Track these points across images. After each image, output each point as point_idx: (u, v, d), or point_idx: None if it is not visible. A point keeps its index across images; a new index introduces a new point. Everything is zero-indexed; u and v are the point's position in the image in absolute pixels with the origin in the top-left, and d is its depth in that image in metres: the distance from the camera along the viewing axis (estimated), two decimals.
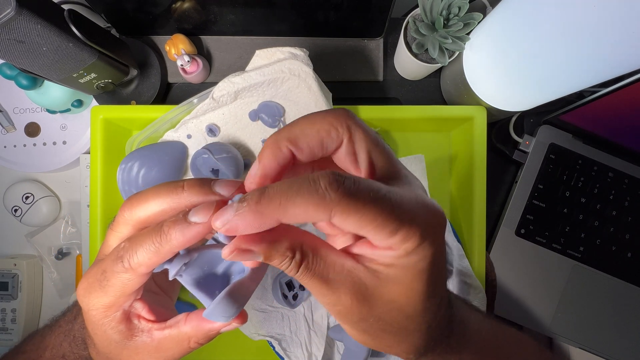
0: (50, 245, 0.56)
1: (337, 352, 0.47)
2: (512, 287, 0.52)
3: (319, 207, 0.18)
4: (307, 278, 0.20)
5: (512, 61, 0.39)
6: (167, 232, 0.22)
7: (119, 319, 0.25)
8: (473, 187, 0.47)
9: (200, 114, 0.46)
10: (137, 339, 0.26)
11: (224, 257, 0.20)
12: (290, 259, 0.20)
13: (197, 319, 0.25)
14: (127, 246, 0.23)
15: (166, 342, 0.25)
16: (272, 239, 0.20)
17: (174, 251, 0.23)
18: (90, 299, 0.25)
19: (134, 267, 0.23)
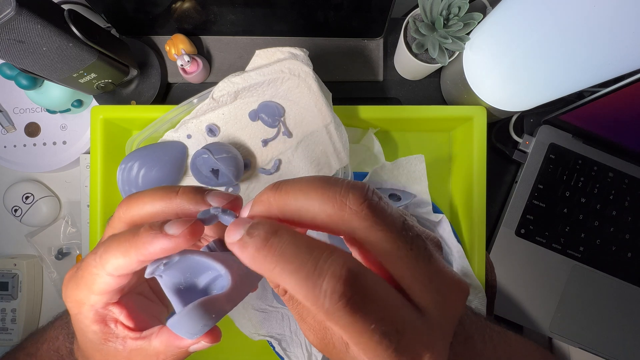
0: (50, 245, 0.56)
1: None
2: (512, 287, 0.52)
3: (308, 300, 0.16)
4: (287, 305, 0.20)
5: (512, 61, 0.39)
6: (141, 235, 0.21)
7: (92, 319, 0.24)
8: (473, 187, 0.47)
9: (200, 114, 0.46)
10: (110, 344, 0.24)
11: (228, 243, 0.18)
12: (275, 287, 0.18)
13: (167, 334, 0.24)
14: (106, 241, 0.23)
15: (136, 354, 0.24)
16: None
17: (141, 259, 0.21)
18: (67, 289, 0.24)
19: (103, 264, 0.22)
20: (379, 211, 0.17)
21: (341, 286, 0.15)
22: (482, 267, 0.47)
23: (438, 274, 0.18)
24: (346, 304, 0.15)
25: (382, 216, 0.17)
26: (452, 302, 0.18)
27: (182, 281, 0.23)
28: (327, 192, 0.17)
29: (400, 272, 0.17)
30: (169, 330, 0.24)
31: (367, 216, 0.17)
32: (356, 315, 0.15)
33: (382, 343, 0.16)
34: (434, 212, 0.49)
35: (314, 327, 0.19)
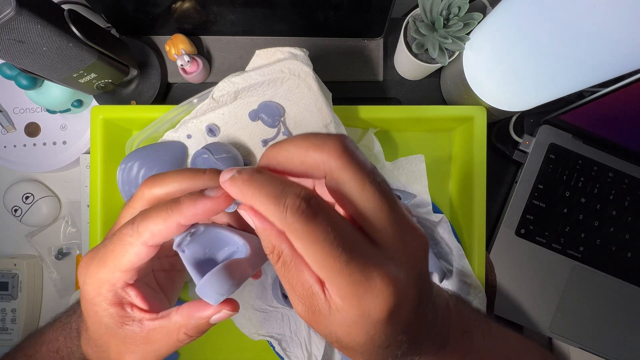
0: (50, 245, 0.56)
1: (337, 352, 0.47)
2: (512, 287, 0.52)
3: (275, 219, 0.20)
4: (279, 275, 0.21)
5: (512, 61, 0.39)
6: (183, 201, 0.23)
7: (110, 300, 0.25)
8: (473, 187, 0.47)
9: (200, 114, 0.46)
10: (127, 327, 0.25)
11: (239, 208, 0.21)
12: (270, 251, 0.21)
13: (189, 307, 0.25)
14: (141, 212, 0.24)
15: (156, 333, 0.25)
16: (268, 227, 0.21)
17: (182, 222, 0.23)
18: (88, 269, 0.25)
19: (141, 231, 0.23)
20: (350, 152, 0.20)
21: (299, 201, 0.19)
22: (482, 267, 0.47)
23: (399, 218, 0.20)
24: (302, 214, 0.19)
25: (354, 157, 0.20)
26: (411, 247, 0.21)
27: (202, 256, 0.25)
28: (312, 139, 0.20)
29: (364, 210, 0.20)
30: (189, 305, 0.25)
31: (341, 156, 0.20)
32: (309, 224, 0.19)
33: (332, 252, 0.18)
34: (434, 212, 0.49)
35: (302, 295, 0.20)
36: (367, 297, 0.19)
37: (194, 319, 0.24)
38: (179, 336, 0.25)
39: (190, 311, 0.24)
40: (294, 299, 0.21)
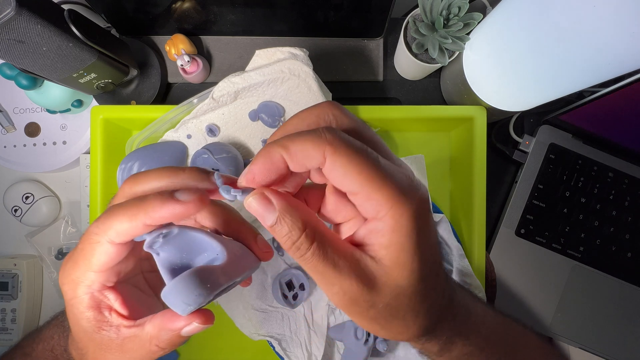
0: (50, 245, 0.56)
1: (337, 352, 0.47)
2: (512, 287, 0.52)
3: (314, 144, 0.19)
4: (317, 260, 0.20)
5: (512, 61, 0.39)
6: (150, 200, 0.22)
7: (87, 304, 0.24)
8: (473, 187, 0.47)
9: (200, 114, 0.46)
10: (104, 332, 0.24)
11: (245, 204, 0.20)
12: (301, 230, 0.20)
13: (161, 317, 0.24)
14: (108, 209, 0.23)
15: (129, 342, 0.24)
16: (291, 203, 0.20)
17: (147, 223, 0.22)
18: (64, 270, 0.24)
19: (105, 230, 0.22)
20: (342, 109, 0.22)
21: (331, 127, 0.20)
22: (482, 267, 0.47)
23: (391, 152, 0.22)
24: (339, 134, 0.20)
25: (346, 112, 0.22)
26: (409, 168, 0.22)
27: (178, 261, 0.23)
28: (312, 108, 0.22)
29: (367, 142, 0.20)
30: (162, 314, 0.23)
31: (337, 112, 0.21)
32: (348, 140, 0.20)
33: (374, 163, 0.19)
34: (434, 212, 0.49)
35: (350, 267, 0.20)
36: (412, 193, 0.20)
37: (164, 330, 0.23)
38: (151, 347, 0.24)
39: (162, 321, 0.23)
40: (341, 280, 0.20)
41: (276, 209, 0.20)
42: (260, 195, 0.20)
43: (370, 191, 0.19)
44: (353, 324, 0.44)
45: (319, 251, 0.20)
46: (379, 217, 0.20)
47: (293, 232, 0.20)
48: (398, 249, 0.20)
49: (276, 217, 0.20)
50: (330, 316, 0.47)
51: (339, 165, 0.19)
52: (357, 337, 0.43)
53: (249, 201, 0.20)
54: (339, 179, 0.20)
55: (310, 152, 0.19)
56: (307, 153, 0.19)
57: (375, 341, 0.44)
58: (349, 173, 0.19)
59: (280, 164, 0.20)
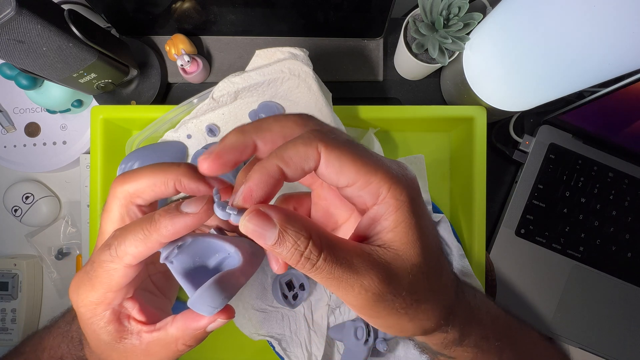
0: (50, 245, 0.56)
1: (337, 352, 0.47)
2: (512, 287, 0.52)
3: (306, 144, 0.19)
4: (331, 266, 0.19)
5: (512, 61, 0.39)
6: (158, 219, 0.22)
7: (108, 319, 0.24)
8: (473, 187, 0.47)
9: (200, 114, 0.46)
10: (126, 341, 0.25)
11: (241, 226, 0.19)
12: (307, 239, 0.19)
13: (183, 319, 0.24)
14: (116, 234, 0.23)
15: (154, 345, 0.25)
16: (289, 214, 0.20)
17: (162, 242, 0.22)
18: (79, 294, 0.24)
19: (120, 256, 0.22)
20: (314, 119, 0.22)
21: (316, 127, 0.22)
22: (482, 267, 0.47)
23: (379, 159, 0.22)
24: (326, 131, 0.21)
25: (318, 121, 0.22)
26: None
27: (192, 265, 0.24)
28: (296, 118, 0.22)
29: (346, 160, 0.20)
30: (183, 316, 0.24)
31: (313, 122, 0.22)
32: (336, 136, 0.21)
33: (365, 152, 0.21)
34: (434, 212, 0.49)
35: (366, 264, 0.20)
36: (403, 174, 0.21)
37: (189, 330, 0.24)
38: (177, 347, 0.24)
39: (185, 323, 0.24)
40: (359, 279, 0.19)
41: (276, 224, 0.19)
42: (256, 212, 0.19)
43: (368, 176, 0.20)
44: (353, 324, 0.44)
45: (331, 256, 0.19)
46: (380, 201, 0.20)
47: (299, 242, 0.19)
48: (405, 227, 0.20)
49: (277, 233, 0.19)
50: (330, 316, 0.47)
51: (334, 159, 0.19)
52: (357, 337, 0.43)
53: (244, 223, 0.19)
54: (335, 173, 0.20)
55: (305, 153, 0.19)
56: (302, 155, 0.19)
57: (375, 341, 0.44)
58: (344, 164, 0.20)
59: (276, 175, 0.20)
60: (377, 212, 0.21)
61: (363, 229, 0.21)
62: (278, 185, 0.20)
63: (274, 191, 0.20)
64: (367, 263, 0.20)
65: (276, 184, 0.20)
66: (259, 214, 0.19)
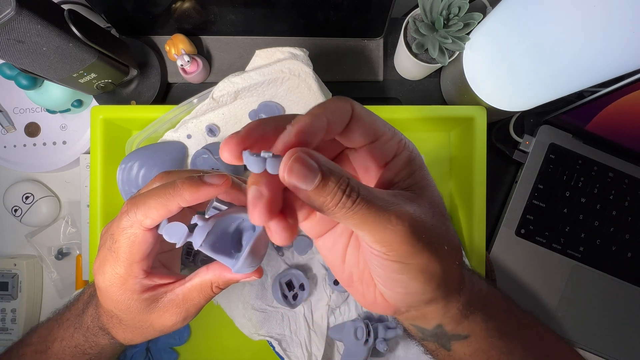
0: (50, 245, 0.56)
1: (337, 352, 0.47)
2: (512, 287, 0.52)
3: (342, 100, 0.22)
4: (368, 206, 0.19)
5: (512, 61, 0.39)
6: (181, 186, 0.25)
7: (138, 291, 0.28)
8: (473, 187, 0.47)
9: (200, 114, 0.46)
10: (163, 299, 0.28)
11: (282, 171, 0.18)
12: (345, 186, 0.18)
13: (218, 268, 0.28)
14: (134, 201, 0.26)
15: (191, 292, 0.28)
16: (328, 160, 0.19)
17: (181, 205, 0.25)
18: (104, 272, 0.27)
19: (140, 219, 0.25)
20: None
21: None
22: (482, 267, 0.47)
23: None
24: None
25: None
26: None
27: (216, 239, 0.27)
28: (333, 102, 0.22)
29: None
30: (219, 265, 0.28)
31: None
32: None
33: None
34: None
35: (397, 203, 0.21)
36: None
37: (224, 277, 0.28)
38: (212, 290, 0.28)
39: (222, 271, 0.28)
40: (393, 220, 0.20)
41: (316, 167, 0.18)
42: (298, 159, 0.18)
43: (393, 130, 0.23)
44: (353, 324, 0.44)
45: (368, 195, 0.19)
46: (401, 149, 0.23)
47: (341, 182, 0.18)
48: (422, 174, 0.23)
49: (320, 177, 0.18)
50: (330, 316, 0.47)
51: (365, 115, 0.22)
52: (357, 337, 0.43)
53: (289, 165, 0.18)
54: (366, 127, 0.22)
55: (344, 106, 0.21)
56: (342, 108, 0.21)
57: (375, 341, 0.44)
58: (372, 120, 0.22)
59: (324, 123, 0.20)
60: (399, 161, 0.23)
61: (386, 179, 0.23)
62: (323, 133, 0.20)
63: (318, 139, 0.20)
64: (398, 199, 0.21)
65: (323, 130, 0.20)
66: (302, 158, 0.18)
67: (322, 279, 0.48)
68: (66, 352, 0.35)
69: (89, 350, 0.34)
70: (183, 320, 0.30)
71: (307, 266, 0.48)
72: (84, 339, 0.34)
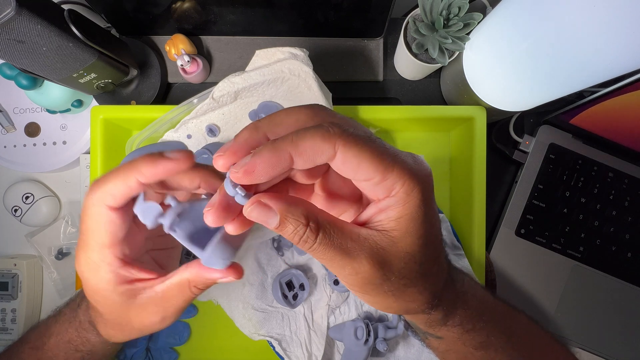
0: (50, 245, 0.56)
1: (337, 352, 0.47)
2: (512, 287, 0.52)
3: (324, 140, 0.19)
4: (324, 250, 0.21)
5: (512, 61, 0.39)
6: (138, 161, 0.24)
7: (114, 281, 0.26)
8: (473, 187, 0.47)
9: (200, 114, 0.46)
10: (141, 296, 0.27)
11: (245, 214, 0.21)
12: (305, 225, 0.20)
13: (197, 266, 0.26)
14: (97, 180, 0.25)
15: (170, 290, 0.27)
16: (291, 201, 0.21)
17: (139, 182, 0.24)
18: (79, 257, 0.26)
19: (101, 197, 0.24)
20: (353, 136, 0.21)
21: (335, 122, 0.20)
22: (482, 267, 0.47)
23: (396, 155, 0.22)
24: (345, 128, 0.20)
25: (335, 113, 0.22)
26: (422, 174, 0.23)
27: (194, 229, 0.25)
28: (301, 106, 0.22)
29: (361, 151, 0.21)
30: (197, 263, 0.26)
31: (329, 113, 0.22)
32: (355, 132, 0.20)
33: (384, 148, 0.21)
34: None
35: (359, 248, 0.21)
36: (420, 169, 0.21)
37: (202, 277, 0.26)
38: (190, 290, 0.27)
39: (200, 269, 0.26)
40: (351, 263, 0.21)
41: (276, 212, 0.20)
42: (258, 204, 0.20)
43: (385, 173, 0.20)
44: (353, 324, 0.44)
45: (325, 239, 0.20)
46: (392, 195, 0.21)
47: (298, 228, 0.20)
48: (408, 219, 0.21)
49: (279, 220, 0.20)
50: (330, 316, 0.47)
51: (351, 156, 0.20)
52: (357, 337, 0.43)
53: (249, 211, 0.20)
54: (352, 169, 0.20)
55: (321, 148, 0.20)
56: (318, 149, 0.20)
57: (375, 341, 0.44)
58: (362, 162, 0.20)
59: (286, 163, 0.20)
60: (386, 204, 0.21)
61: (368, 215, 0.22)
62: (284, 171, 0.20)
63: (277, 174, 0.20)
64: (361, 248, 0.21)
65: (282, 170, 0.20)
66: (261, 205, 0.20)
67: (322, 279, 0.48)
68: (60, 347, 0.34)
69: (81, 347, 0.34)
70: (161, 320, 0.28)
71: (307, 266, 0.48)
72: (76, 334, 0.34)
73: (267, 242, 0.48)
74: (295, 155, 0.20)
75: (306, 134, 0.20)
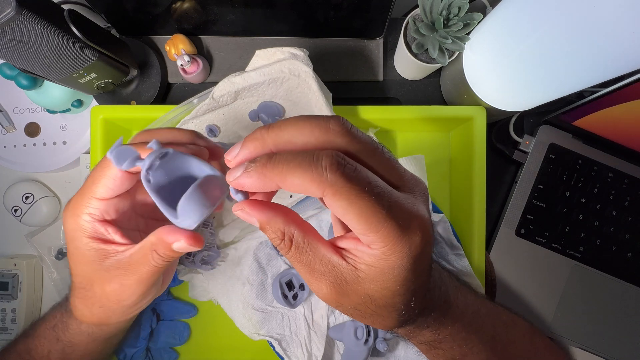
0: (50, 245, 0.56)
1: (337, 352, 0.47)
2: (512, 287, 0.52)
3: (314, 183, 0.19)
4: (295, 262, 0.22)
5: (512, 61, 0.39)
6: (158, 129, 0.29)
7: (90, 234, 0.27)
8: (473, 187, 0.47)
9: (200, 114, 0.46)
10: (112, 258, 0.27)
11: (234, 211, 0.22)
12: (280, 239, 0.22)
13: (162, 229, 0.26)
14: None
15: (135, 255, 0.27)
16: (271, 215, 0.22)
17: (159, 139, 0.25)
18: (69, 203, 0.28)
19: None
20: (353, 129, 0.21)
21: (335, 159, 0.19)
22: (482, 267, 0.47)
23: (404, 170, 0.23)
24: (342, 171, 0.19)
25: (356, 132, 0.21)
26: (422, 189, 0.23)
27: (166, 183, 0.25)
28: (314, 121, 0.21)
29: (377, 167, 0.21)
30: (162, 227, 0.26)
31: (346, 133, 0.21)
32: (352, 180, 0.19)
33: (377, 202, 0.19)
34: (434, 211, 0.49)
35: (324, 272, 0.22)
36: (409, 237, 0.20)
37: (164, 242, 0.26)
38: (153, 257, 0.26)
39: (162, 234, 0.26)
40: (315, 281, 0.22)
41: (255, 221, 0.22)
42: (242, 211, 0.22)
43: (367, 232, 0.20)
44: (353, 324, 0.44)
45: (297, 254, 0.22)
46: (371, 248, 0.21)
47: (274, 238, 0.22)
48: (379, 272, 0.21)
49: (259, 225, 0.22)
50: (330, 316, 0.47)
51: (337, 207, 0.19)
52: (357, 337, 0.43)
53: (237, 213, 0.22)
54: (338, 214, 0.20)
55: (308, 188, 0.19)
56: (304, 187, 0.19)
57: (375, 341, 0.44)
58: (347, 214, 0.19)
59: (273, 187, 0.21)
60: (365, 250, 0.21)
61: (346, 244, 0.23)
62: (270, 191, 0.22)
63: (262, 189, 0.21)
64: (326, 272, 0.22)
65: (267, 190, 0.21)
66: (244, 212, 0.22)
67: None
68: (46, 335, 0.35)
69: (62, 335, 0.34)
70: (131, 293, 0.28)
71: None
72: (59, 318, 0.34)
73: (267, 242, 0.48)
74: (282, 186, 0.20)
75: (296, 171, 0.19)
